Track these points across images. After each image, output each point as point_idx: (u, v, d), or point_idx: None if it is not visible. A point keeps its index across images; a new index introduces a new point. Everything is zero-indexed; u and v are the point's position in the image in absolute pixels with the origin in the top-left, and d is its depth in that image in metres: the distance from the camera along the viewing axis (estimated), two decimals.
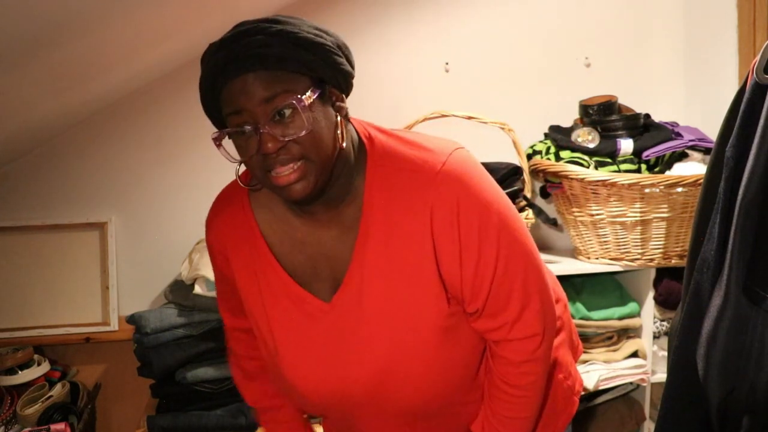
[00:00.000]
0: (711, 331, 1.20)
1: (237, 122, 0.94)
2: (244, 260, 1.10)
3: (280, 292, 1.07)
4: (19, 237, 2.14)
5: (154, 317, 1.89)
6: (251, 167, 0.97)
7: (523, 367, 1.08)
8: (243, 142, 0.95)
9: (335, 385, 1.07)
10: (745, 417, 1.19)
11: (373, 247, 1.01)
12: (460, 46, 2.28)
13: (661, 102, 2.34)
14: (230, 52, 0.92)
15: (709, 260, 1.22)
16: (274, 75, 0.92)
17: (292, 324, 1.07)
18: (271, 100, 0.91)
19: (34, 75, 1.52)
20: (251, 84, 0.91)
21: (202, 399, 1.87)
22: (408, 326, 1.02)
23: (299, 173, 0.93)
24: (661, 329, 2.09)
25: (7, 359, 1.96)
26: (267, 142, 0.91)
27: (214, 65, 0.94)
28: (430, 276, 1.01)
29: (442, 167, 0.98)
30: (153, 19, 1.62)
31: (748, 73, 1.17)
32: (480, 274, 1.01)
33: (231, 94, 0.93)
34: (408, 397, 1.07)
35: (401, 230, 1.00)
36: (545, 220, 2.03)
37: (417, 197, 0.99)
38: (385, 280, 1.02)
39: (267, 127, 0.91)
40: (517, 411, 1.12)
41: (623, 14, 2.34)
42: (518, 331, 1.06)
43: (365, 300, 1.03)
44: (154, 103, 2.18)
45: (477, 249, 1.00)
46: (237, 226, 1.10)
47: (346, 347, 1.05)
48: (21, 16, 1.17)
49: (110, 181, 2.19)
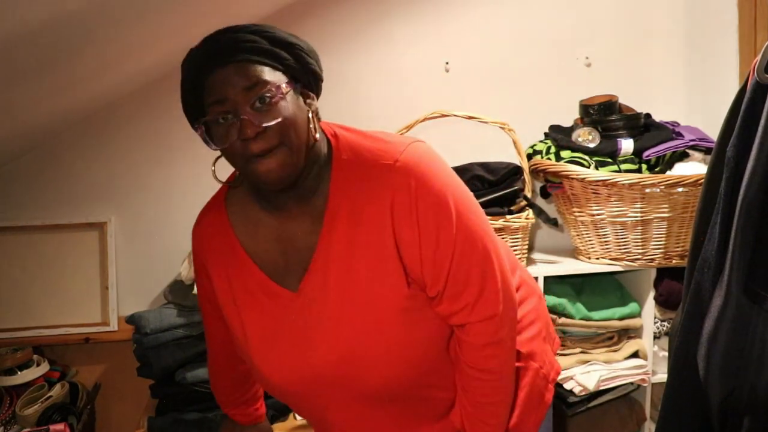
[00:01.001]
0: (712, 331, 1.20)
1: (219, 110, 1.00)
2: (221, 265, 1.17)
3: (257, 290, 1.13)
4: (19, 237, 2.14)
5: (154, 317, 1.89)
6: (232, 155, 1.02)
7: (486, 350, 1.13)
8: (224, 131, 1.01)
9: (304, 371, 1.12)
10: (746, 417, 1.19)
11: (338, 235, 1.07)
12: (460, 46, 2.28)
13: (661, 101, 2.34)
14: (214, 46, 1.00)
15: (709, 260, 1.22)
16: (253, 67, 1.00)
17: (264, 319, 1.13)
18: (252, 88, 0.99)
19: (34, 74, 1.52)
20: (233, 74, 0.99)
21: (202, 399, 1.87)
22: (370, 309, 1.08)
23: (278, 160, 1.00)
24: (662, 329, 2.09)
25: (6, 359, 1.96)
26: (247, 128, 0.98)
27: (198, 59, 1.01)
28: (390, 260, 1.07)
29: (400, 156, 1.06)
30: (152, 20, 1.62)
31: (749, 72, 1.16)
32: (439, 258, 1.07)
33: (214, 85, 1.00)
34: (373, 378, 1.11)
35: (363, 217, 1.07)
36: (546, 220, 2.03)
37: (377, 185, 1.05)
38: (348, 266, 1.07)
39: (247, 114, 0.98)
40: (489, 395, 1.16)
41: (624, 14, 2.34)
42: (478, 312, 1.11)
43: (330, 286, 1.08)
44: (153, 103, 2.18)
45: (435, 233, 1.06)
46: (214, 233, 1.18)
47: (312, 333, 1.11)
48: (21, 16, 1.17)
49: (110, 181, 2.19)
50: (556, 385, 1.99)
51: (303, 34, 1.09)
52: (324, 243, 1.08)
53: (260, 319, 1.14)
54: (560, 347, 2.03)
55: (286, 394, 1.19)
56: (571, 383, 1.97)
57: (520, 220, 1.95)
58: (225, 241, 1.16)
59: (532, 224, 2.02)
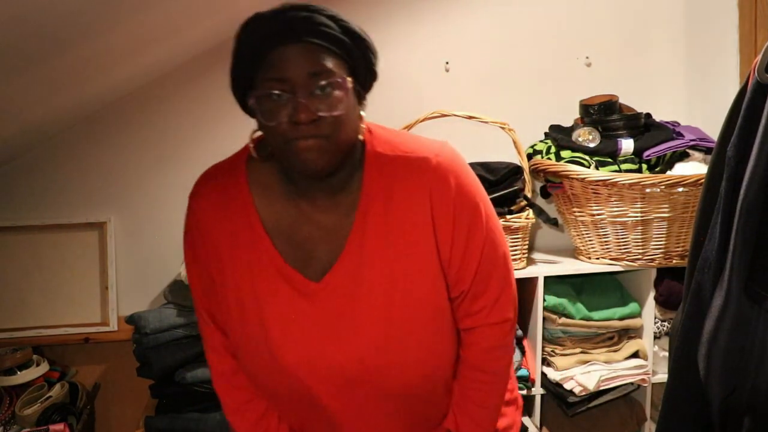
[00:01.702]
0: (712, 331, 1.20)
1: (276, 86, 0.96)
2: (232, 233, 1.09)
3: (271, 269, 1.08)
4: (19, 237, 2.14)
5: (154, 317, 1.89)
6: (274, 133, 0.98)
7: (495, 352, 1.17)
8: (275, 107, 0.97)
9: (328, 362, 1.08)
10: (747, 417, 1.19)
11: (372, 229, 1.06)
12: (460, 46, 2.28)
13: (661, 101, 2.33)
14: (286, 21, 0.95)
15: (710, 260, 1.22)
16: (322, 52, 0.96)
17: (282, 302, 1.08)
18: (318, 74, 0.95)
19: (34, 74, 1.52)
20: (300, 55, 0.95)
21: (201, 399, 1.86)
22: (406, 305, 1.07)
23: (321, 150, 0.97)
24: (662, 329, 2.09)
25: (6, 359, 1.96)
26: (302, 112, 0.94)
27: (265, 29, 0.96)
28: (430, 257, 1.07)
29: (439, 152, 1.07)
30: (152, 19, 1.62)
31: (750, 72, 1.16)
32: (467, 258, 1.09)
33: (278, 61, 0.95)
34: (399, 375, 1.10)
35: (400, 213, 1.06)
36: (546, 219, 2.03)
37: (415, 182, 1.05)
38: (384, 259, 1.06)
39: (306, 98, 0.95)
40: (489, 399, 1.19)
41: (624, 13, 2.33)
42: (495, 315, 1.14)
43: (362, 280, 1.06)
44: (153, 103, 2.18)
45: (467, 233, 1.08)
46: (229, 198, 1.10)
47: (338, 325, 1.07)
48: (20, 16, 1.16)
49: (110, 181, 2.19)
50: (556, 384, 2.00)
51: None
52: (356, 236, 1.06)
53: (282, 308, 1.08)
54: (560, 347, 2.03)
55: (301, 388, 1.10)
56: (571, 383, 1.97)
57: (520, 220, 1.94)
58: (241, 210, 1.09)
59: (532, 224, 2.02)
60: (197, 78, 2.18)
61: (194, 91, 2.19)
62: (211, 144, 2.21)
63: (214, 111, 2.20)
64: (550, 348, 2.04)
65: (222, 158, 1.20)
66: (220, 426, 1.83)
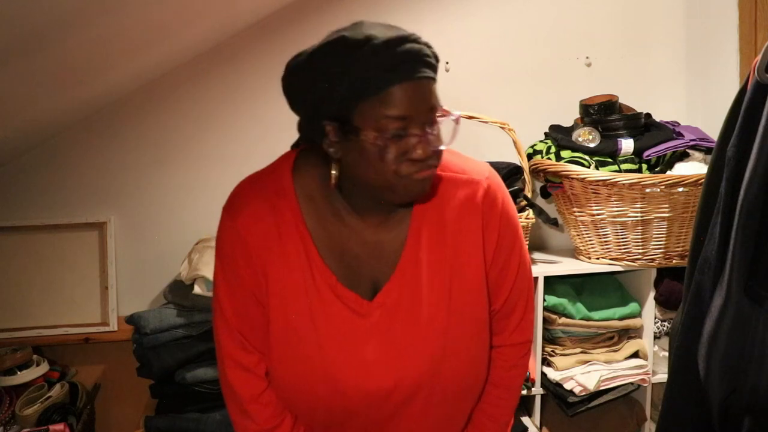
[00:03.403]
0: (712, 331, 1.20)
1: (398, 125, 0.93)
2: (284, 254, 1.05)
3: (325, 289, 1.06)
4: (19, 237, 2.14)
5: (154, 317, 1.89)
6: (385, 167, 0.95)
7: (513, 371, 1.21)
8: (391, 144, 0.94)
9: (386, 379, 1.07)
10: (746, 417, 1.19)
11: (425, 248, 1.07)
12: (460, 46, 2.28)
13: (661, 101, 2.34)
14: (404, 54, 0.91)
15: (710, 260, 1.22)
16: (434, 87, 0.97)
17: (337, 321, 1.06)
18: (434, 109, 0.96)
19: (34, 74, 1.52)
20: (422, 90, 0.94)
21: (201, 399, 1.86)
22: (461, 321, 1.09)
23: (429, 179, 0.99)
24: (662, 329, 2.09)
25: (6, 360, 1.96)
26: (423, 149, 0.95)
27: (387, 60, 0.91)
28: (480, 273, 1.11)
29: (489, 176, 1.11)
30: (153, 19, 1.62)
31: (750, 72, 1.16)
32: (504, 277, 1.14)
33: (402, 96, 0.92)
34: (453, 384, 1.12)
35: (452, 232, 1.08)
36: (546, 220, 2.03)
37: (467, 203, 1.08)
38: (441, 279, 1.07)
39: (427, 135, 0.95)
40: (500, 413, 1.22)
41: (624, 14, 2.33)
42: (517, 336, 1.20)
43: (419, 298, 1.07)
44: (153, 103, 2.18)
45: (507, 255, 1.13)
46: (280, 216, 1.05)
47: (397, 343, 1.07)
48: (20, 16, 1.16)
49: (110, 181, 2.19)
50: (556, 384, 2.00)
51: (302, 34, 1.08)
52: (409, 254, 1.07)
53: (338, 328, 1.06)
54: (560, 347, 2.03)
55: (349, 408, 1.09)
56: (571, 383, 1.97)
57: (520, 220, 1.94)
58: (295, 234, 1.05)
59: (532, 224, 2.02)
60: (197, 78, 2.18)
61: (194, 92, 2.19)
62: (210, 144, 2.21)
63: (213, 111, 2.21)
64: (550, 348, 2.04)
65: (221, 158, 1.19)
66: (220, 426, 1.83)
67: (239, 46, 2.18)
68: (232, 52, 2.18)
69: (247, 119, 2.23)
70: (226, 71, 2.20)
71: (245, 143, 2.22)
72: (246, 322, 1.09)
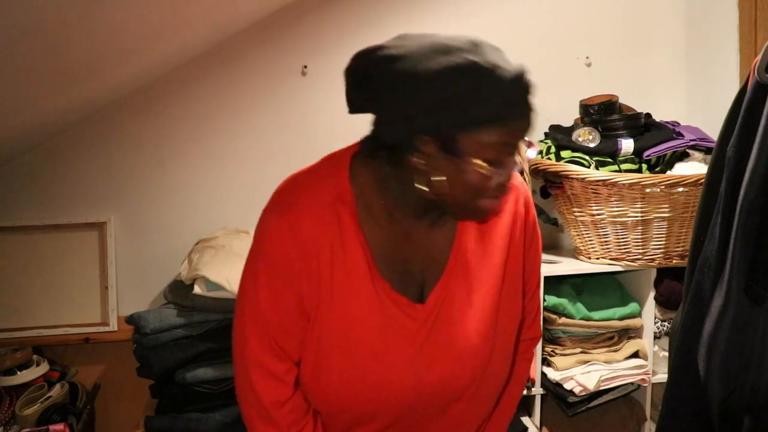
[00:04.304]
0: (712, 331, 1.20)
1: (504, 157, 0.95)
2: (344, 258, 1.04)
3: (381, 294, 1.05)
4: (19, 237, 2.14)
5: (154, 317, 1.89)
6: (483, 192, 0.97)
7: (523, 364, 1.27)
8: (496, 174, 0.96)
9: (441, 378, 1.08)
10: (746, 417, 1.19)
11: (472, 248, 1.10)
12: None
13: (661, 101, 2.34)
14: (524, 92, 0.93)
15: (710, 260, 1.22)
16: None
17: (392, 325, 1.06)
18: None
19: (34, 74, 1.52)
20: (526, 127, 0.95)
21: (201, 399, 1.86)
22: (506, 320, 1.13)
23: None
24: (662, 329, 2.09)
25: (6, 360, 1.96)
26: (510, 179, 1.01)
27: (516, 95, 0.92)
28: (520, 274, 1.16)
29: (520, 184, 1.15)
30: (153, 18, 1.62)
31: (750, 72, 1.16)
32: (526, 280, 1.19)
33: (518, 129, 0.94)
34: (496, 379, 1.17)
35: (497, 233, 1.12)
36: (546, 220, 2.03)
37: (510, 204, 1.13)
38: (488, 279, 1.11)
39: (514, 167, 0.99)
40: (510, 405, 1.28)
41: (624, 14, 2.33)
42: (528, 333, 1.26)
43: (469, 300, 1.09)
44: (154, 103, 2.18)
45: (533, 259, 1.19)
46: (340, 219, 1.04)
47: (450, 345, 1.08)
48: (20, 15, 1.16)
49: (110, 181, 2.19)
50: (556, 384, 2.00)
51: (302, 34, 1.08)
52: (458, 253, 1.09)
53: (393, 332, 1.06)
54: (560, 347, 2.03)
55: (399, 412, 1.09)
56: (571, 383, 1.97)
57: None
58: (354, 238, 1.04)
59: None
60: (197, 79, 2.18)
61: (194, 92, 2.19)
62: (210, 144, 2.21)
63: (213, 111, 2.21)
64: (550, 348, 2.04)
65: (221, 158, 1.19)
66: (220, 426, 1.83)
67: (239, 46, 2.18)
68: (231, 52, 2.18)
69: (246, 119, 2.23)
70: (226, 71, 2.20)
71: (245, 143, 2.22)
72: (285, 328, 1.06)
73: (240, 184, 2.22)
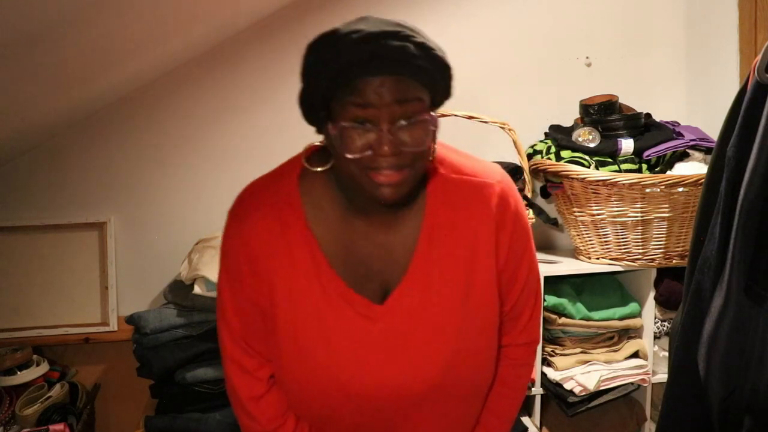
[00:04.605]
0: (712, 331, 1.20)
1: (359, 114, 0.93)
2: (290, 260, 1.04)
3: (333, 295, 1.05)
4: (18, 237, 2.14)
5: (154, 317, 1.89)
6: (353, 162, 0.94)
7: (519, 370, 1.21)
8: (357, 137, 0.93)
9: (397, 383, 1.06)
10: (747, 418, 1.19)
11: (437, 249, 1.06)
12: (460, 46, 2.28)
13: (661, 101, 2.34)
14: (378, 49, 0.91)
15: (710, 260, 1.22)
16: (410, 83, 0.94)
17: (347, 327, 1.05)
18: (404, 104, 0.93)
19: (34, 74, 1.52)
20: (389, 85, 0.92)
21: (201, 399, 1.86)
22: (473, 324, 1.08)
23: (401, 178, 0.95)
24: (662, 329, 2.09)
25: (5, 360, 1.96)
26: (386, 145, 0.92)
27: (356, 57, 0.91)
28: (492, 277, 1.09)
29: (501, 178, 1.10)
30: (153, 18, 1.62)
31: (750, 72, 1.16)
32: (514, 281, 1.13)
33: (364, 88, 0.91)
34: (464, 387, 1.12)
35: (465, 236, 1.07)
36: (546, 219, 2.03)
37: (480, 207, 1.07)
38: (452, 281, 1.06)
39: (391, 131, 0.93)
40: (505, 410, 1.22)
41: (624, 13, 2.33)
42: (523, 337, 1.19)
43: (430, 300, 1.06)
44: (153, 103, 2.18)
45: (519, 257, 1.12)
46: (285, 221, 1.04)
47: (409, 346, 1.06)
48: (20, 15, 1.16)
49: (110, 181, 2.19)
50: (556, 384, 2.00)
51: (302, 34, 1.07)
52: (421, 257, 1.05)
53: (348, 333, 1.05)
54: (560, 347, 2.03)
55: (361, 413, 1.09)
56: (571, 383, 1.97)
57: None
58: (301, 239, 1.04)
59: (532, 224, 2.01)
60: (197, 79, 2.18)
61: (194, 92, 2.19)
62: (210, 144, 2.21)
63: (213, 111, 2.21)
64: (550, 348, 2.04)
65: (221, 158, 1.19)
66: (220, 426, 1.83)
67: (239, 46, 2.18)
68: (232, 52, 2.18)
69: (246, 119, 2.22)
70: (226, 71, 2.20)
71: (245, 143, 2.22)
72: (248, 326, 1.09)
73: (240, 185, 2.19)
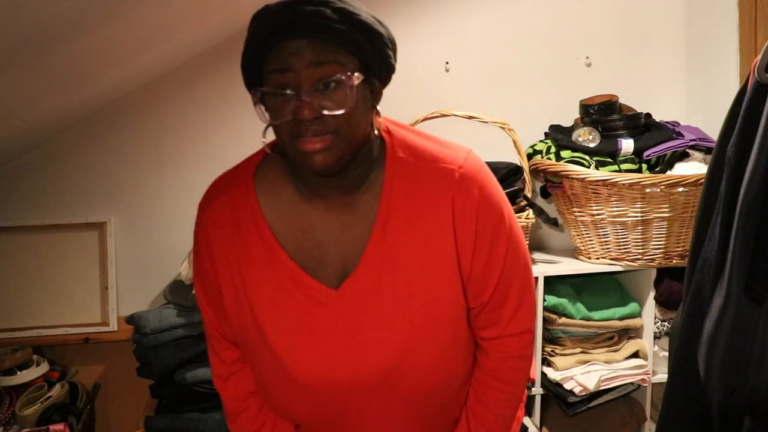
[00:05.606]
0: (712, 331, 1.20)
1: (279, 81, 0.93)
2: (244, 248, 1.06)
3: (287, 281, 1.04)
4: (18, 237, 2.14)
5: (154, 317, 1.89)
6: (280, 131, 0.96)
7: (512, 362, 1.15)
8: (279, 104, 0.94)
9: (347, 371, 1.05)
10: (746, 417, 1.19)
11: (393, 236, 1.03)
12: (460, 46, 2.28)
13: (661, 101, 2.34)
14: (291, 14, 0.91)
15: (710, 260, 1.22)
16: (328, 46, 0.92)
17: (299, 313, 1.04)
18: (320, 66, 0.92)
19: (33, 74, 1.52)
20: (304, 48, 0.91)
21: (201, 399, 1.87)
22: (428, 314, 1.05)
23: (326, 144, 0.93)
24: (662, 329, 2.09)
25: (6, 360, 1.96)
26: (305, 109, 0.91)
27: (271, 23, 0.92)
28: (450, 267, 1.05)
29: (463, 163, 1.04)
30: (153, 18, 1.62)
31: (750, 72, 1.16)
32: (489, 268, 1.07)
33: (281, 54, 0.92)
34: (421, 379, 1.09)
35: (423, 220, 1.03)
36: (546, 219, 2.03)
37: (439, 190, 1.03)
38: (407, 269, 1.03)
39: (309, 95, 0.92)
40: (505, 408, 1.18)
41: (624, 13, 2.33)
42: (514, 327, 1.13)
43: (383, 288, 1.03)
44: (153, 103, 2.18)
45: (489, 245, 1.06)
46: (238, 211, 1.06)
47: (359, 334, 1.04)
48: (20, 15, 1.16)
49: (109, 181, 2.19)
50: (556, 384, 2.00)
51: None
52: (376, 242, 1.03)
53: (299, 319, 1.04)
54: (560, 347, 2.03)
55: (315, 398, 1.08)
56: (571, 383, 1.97)
57: (520, 220, 1.94)
58: (250, 222, 1.05)
59: (532, 224, 2.02)
60: (197, 78, 2.18)
61: (194, 92, 2.19)
62: (210, 144, 2.21)
63: (213, 111, 2.21)
64: (550, 348, 2.04)
65: (221, 158, 1.20)
66: (220, 426, 1.83)
67: (239, 46, 2.17)
68: (232, 52, 2.18)
69: (247, 119, 2.21)
70: (226, 71, 2.20)
71: (245, 143, 2.20)
72: (215, 312, 1.14)
73: None
